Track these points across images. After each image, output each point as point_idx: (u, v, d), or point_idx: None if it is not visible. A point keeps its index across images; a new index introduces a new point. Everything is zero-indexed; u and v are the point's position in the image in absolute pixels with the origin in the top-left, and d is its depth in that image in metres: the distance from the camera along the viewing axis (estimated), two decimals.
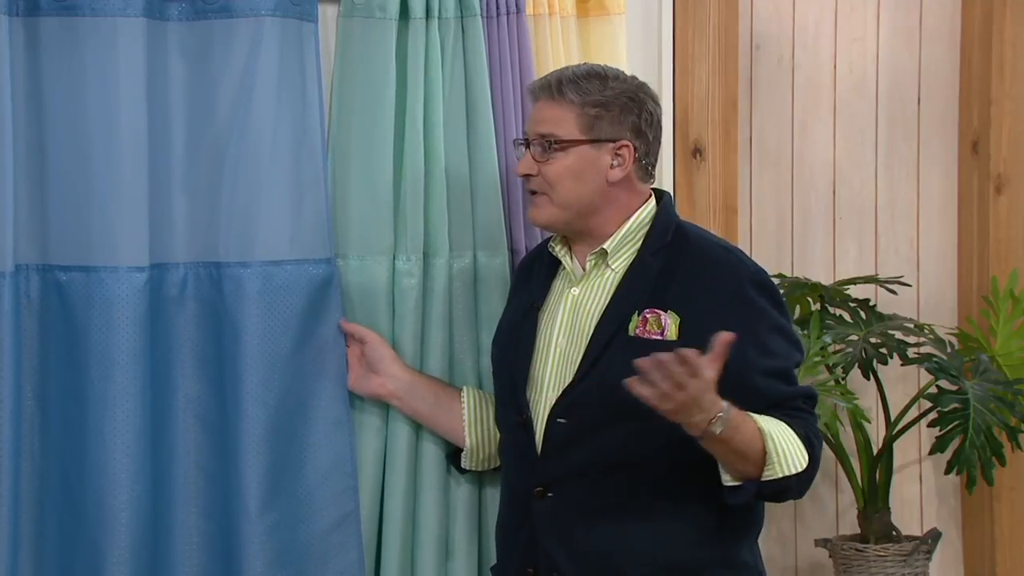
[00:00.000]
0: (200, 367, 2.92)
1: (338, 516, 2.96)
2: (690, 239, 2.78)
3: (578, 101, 2.75)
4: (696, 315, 2.68)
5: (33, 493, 2.85)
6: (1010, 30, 3.80)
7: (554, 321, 2.80)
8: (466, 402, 2.97)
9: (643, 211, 2.80)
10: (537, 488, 2.75)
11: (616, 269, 2.77)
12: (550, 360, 2.78)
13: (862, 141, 3.85)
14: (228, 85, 2.90)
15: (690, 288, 2.71)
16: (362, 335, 2.97)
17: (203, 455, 2.92)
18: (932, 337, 3.62)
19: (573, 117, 2.75)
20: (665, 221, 2.79)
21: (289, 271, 2.91)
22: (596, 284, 2.79)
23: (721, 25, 3.52)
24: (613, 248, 2.77)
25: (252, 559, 2.87)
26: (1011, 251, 3.81)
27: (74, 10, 2.82)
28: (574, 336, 2.77)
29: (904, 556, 3.55)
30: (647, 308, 2.70)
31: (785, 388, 2.69)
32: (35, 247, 2.85)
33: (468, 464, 3.00)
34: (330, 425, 2.96)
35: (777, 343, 2.71)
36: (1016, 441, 3.55)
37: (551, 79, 2.78)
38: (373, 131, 2.99)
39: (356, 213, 3.00)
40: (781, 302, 2.77)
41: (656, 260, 2.74)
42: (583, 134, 2.75)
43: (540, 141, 2.77)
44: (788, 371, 2.71)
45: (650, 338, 2.68)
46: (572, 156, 2.75)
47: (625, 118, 2.76)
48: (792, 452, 2.61)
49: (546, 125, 2.77)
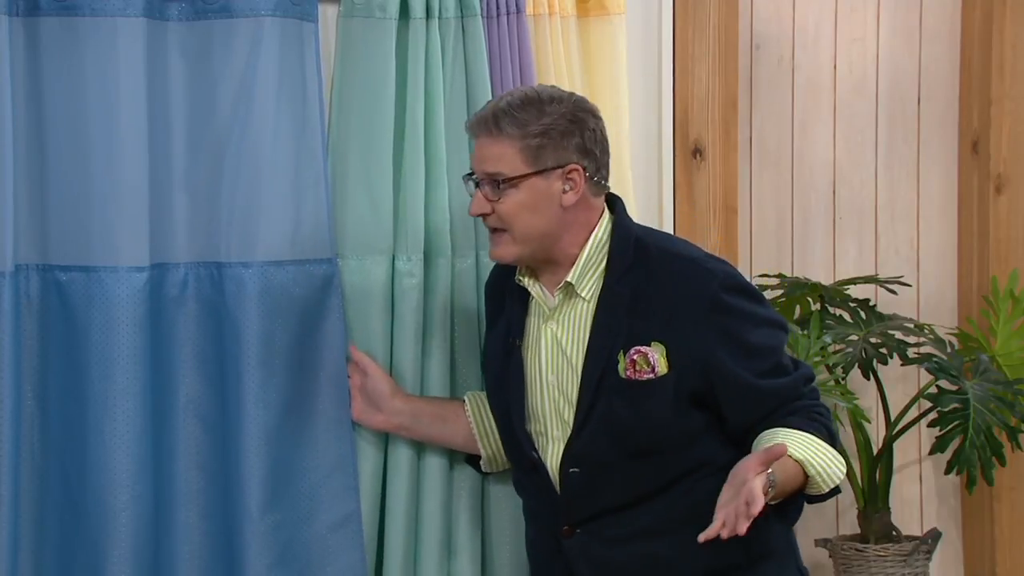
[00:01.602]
0: (201, 367, 2.92)
1: (340, 516, 2.96)
2: (652, 255, 2.72)
3: (517, 134, 2.68)
4: (680, 340, 2.66)
5: (33, 493, 2.85)
6: (1010, 30, 3.79)
7: (539, 357, 2.77)
8: (471, 414, 2.95)
9: (600, 228, 2.75)
10: (564, 528, 2.74)
11: (587, 297, 2.73)
12: (546, 396, 2.76)
13: (862, 141, 3.84)
14: (228, 85, 2.90)
15: (667, 313, 2.67)
16: (364, 365, 2.95)
17: (204, 455, 2.92)
18: (932, 337, 3.62)
19: (516, 151, 2.69)
20: (623, 236, 2.74)
21: (290, 271, 2.91)
22: (571, 317, 2.75)
23: (721, 25, 3.52)
24: (577, 278, 2.73)
25: (254, 559, 2.87)
26: (1011, 251, 3.81)
27: (74, 10, 2.82)
28: (562, 372, 2.75)
29: (904, 556, 3.55)
30: (632, 348, 2.67)
31: (783, 381, 2.68)
32: (35, 247, 2.85)
33: (488, 469, 3.00)
34: (331, 424, 2.96)
35: (762, 338, 2.69)
36: (1016, 441, 3.55)
37: (486, 114, 2.71)
38: (373, 131, 2.99)
39: (355, 213, 3.00)
40: (753, 294, 2.74)
41: (623, 288, 2.70)
42: (529, 167, 2.69)
43: (488, 180, 2.71)
44: (779, 362, 2.70)
45: (642, 379, 2.67)
46: (523, 190, 2.69)
47: (568, 142, 2.70)
48: (831, 466, 2.62)
49: (491, 164, 2.70)
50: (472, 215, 2.77)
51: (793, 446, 2.58)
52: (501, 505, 3.06)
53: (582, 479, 2.71)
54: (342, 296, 2.97)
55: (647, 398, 2.67)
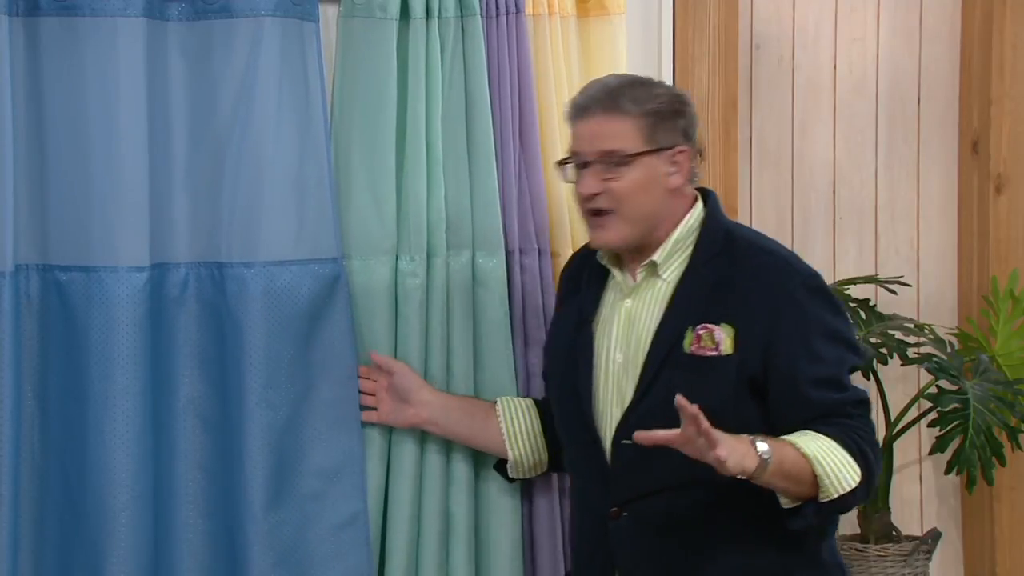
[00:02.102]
0: (202, 367, 2.92)
1: (347, 515, 2.95)
2: (740, 245, 2.73)
3: (635, 111, 2.69)
4: (750, 324, 2.65)
5: (33, 493, 2.85)
6: (1010, 30, 3.79)
7: (609, 335, 2.77)
8: (502, 416, 2.96)
9: (691, 215, 2.76)
10: (612, 508, 2.72)
11: (668, 279, 2.74)
12: (611, 375, 2.75)
13: (862, 141, 3.84)
14: (229, 85, 2.90)
15: (743, 298, 2.67)
16: (389, 366, 2.95)
17: (205, 455, 2.92)
18: (932, 337, 3.62)
19: (634, 128, 2.69)
20: (714, 226, 2.75)
21: (294, 271, 2.91)
22: (649, 296, 2.75)
23: (721, 25, 3.52)
24: (663, 259, 2.74)
25: (258, 558, 2.87)
26: (1011, 251, 3.81)
27: (74, 10, 2.82)
28: (630, 350, 2.74)
29: (904, 556, 3.55)
30: (700, 324, 2.67)
31: (834, 396, 2.65)
32: (35, 247, 2.85)
33: (515, 474, 2.99)
34: (338, 424, 2.96)
35: (829, 349, 2.67)
36: (1016, 441, 3.55)
37: (599, 93, 2.71)
38: (375, 131, 2.99)
39: (358, 213, 3.00)
40: (836, 305, 2.73)
41: (708, 271, 2.71)
42: (645, 144, 2.69)
43: (603, 157, 2.69)
44: (838, 378, 2.67)
45: (705, 355, 2.66)
46: (638, 169, 2.69)
47: (675, 123, 2.72)
48: (843, 470, 2.59)
49: (608, 140, 2.69)
50: (584, 193, 2.72)
51: (805, 444, 2.58)
52: (499, 507, 3.06)
53: (633, 452, 2.66)
54: (349, 295, 2.97)
55: (706, 374, 2.65)
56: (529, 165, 3.10)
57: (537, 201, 3.10)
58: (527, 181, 3.09)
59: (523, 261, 3.08)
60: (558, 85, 3.14)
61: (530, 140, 3.09)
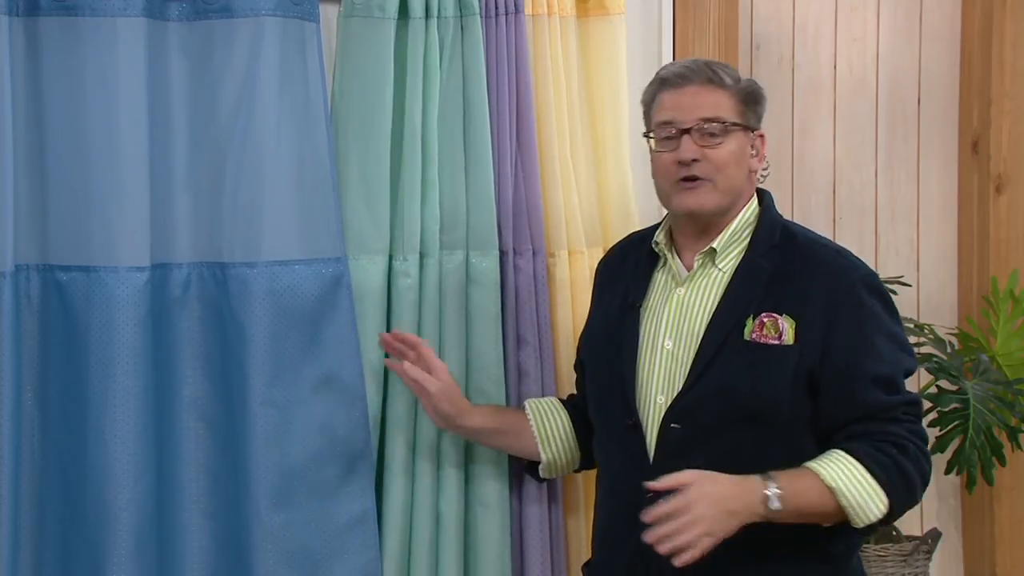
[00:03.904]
0: (204, 367, 2.92)
1: (355, 514, 2.95)
2: (798, 240, 2.74)
3: (734, 86, 2.73)
4: (810, 318, 2.65)
5: (33, 493, 2.85)
6: (1010, 30, 3.80)
7: (660, 321, 2.76)
8: (533, 420, 2.95)
9: (749, 208, 2.77)
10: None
11: (724, 269, 2.74)
12: (658, 362, 2.74)
13: (862, 141, 3.85)
14: (229, 85, 2.90)
15: (803, 291, 2.67)
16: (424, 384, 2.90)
17: (207, 455, 2.92)
18: (932, 337, 3.62)
19: (732, 101, 2.73)
20: (771, 220, 2.77)
21: (297, 271, 2.91)
22: (703, 284, 2.75)
23: (721, 25, 3.52)
24: (722, 247, 2.74)
25: (263, 558, 2.87)
26: (1011, 251, 3.81)
27: (74, 10, 2.81)
28: (682, 338, 2.73)
29: (904, 556, 3.55)
30: (763, 312, 2.67)
31: (885, 398, 2.64)
32: (35, 247, 2.85)
33: (547, 475, 2.99)
34: (345, 423, 2.95)
35: (887, 348, 2.67)
36: (1016, 441, 3.55)
37: (696, 65, 2.74)
38: (371, 130, 2.99)
39: (353, 212, 3.00)
40: (892, 306, 2.74)
41: (767, 262, 2.71)
42: (740, 119, 2.73)
43: (706, 125, 2.71)
44: (893, 378, 2.67)
45: (767, 343, 2.65)
46: (734, 141, 2.73)
47: (758, 108, 2.77)
48: (868, 502, 2.59)
49: (708, 109, 2.72)
50: (684, 159, 2.71)
51: (831, 476, 2.58)
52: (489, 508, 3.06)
53: (681, 437, 2.66)
54: (351, 295, 2.97)
55: (767, 362, 2.64)
56: (526, 165, 3.09)
57: (533, 202, 3.10)
58: (524, 182, 3.09)
59: (517, 262, 3.08)
60: (557, 85, 3.14)
61: (528, 140, 3.09)
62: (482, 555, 3.04)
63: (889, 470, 2.61)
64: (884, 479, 2.60)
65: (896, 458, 2.61)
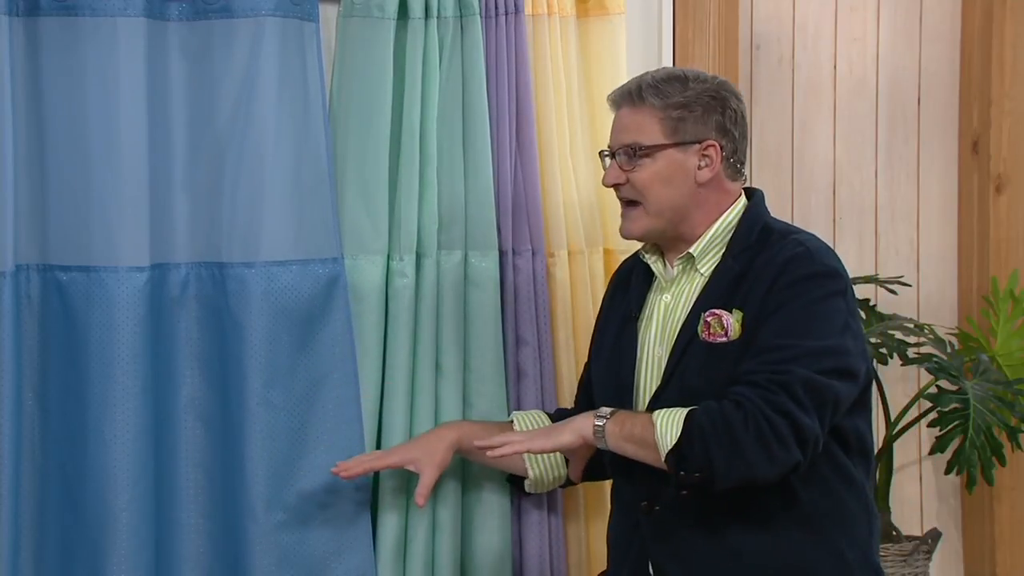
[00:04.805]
0: (203, 367, 2.92)
1: (350, 514, 2.95)
2: (772, 237, 2.73)
3: (659, 105, 2.72)
4: (752, 308, 2.65)
5: (33, 493, 2.85)
6: (1010, 30, 3.79)
7: (649, 329, 2.79)
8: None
9: (731, 212, 2.77)
10: (643, 502, 2.72)
11: (704, 273, 2.75)
12: (651, 369, 2.77)
13: (862, 141, 3.84)
14: (229, 85, 2.90)
15: (756, 284, 2.67)
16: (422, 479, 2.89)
17: (206, 455, 2.92)
18: (932, 337, 3.62)
19: (656, 122, 2.73)
20: (751, 221, 2.76)
21: (294, 271, 2.91)
22: (684, 289, 2.77)
23: (721, 25, 3.51)
24: (699, 252, 2.75)
25: (259, 558, 2.88)
26: (1011, 251, 3.81)
27: (74, 10, 2.82)
28: (665, 342, 2.75)
29: (904, 556, 3.55)
30: (709, 311, 2.68)
31: (750, 365, 2.60)
32: (35, 247, 2.85)
33: (533, 490, 2.99)
34: (340, 424, 2.95)
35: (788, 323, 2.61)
36: (1016, 441, 3.55)
37: (630, 87, 2.76)
38: (370, 131, 3.00)
39: (351, 212, 3.00)
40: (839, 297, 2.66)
41: (737, 263, 2.71)
42: (667, 138, 2.72)
43: (625, 150, 2.74)
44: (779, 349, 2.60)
45: (715, 341, 2.67)
46: (660, 161, 2.73)
47: (709, 118, 2.74)
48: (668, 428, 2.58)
49: (629, 134, 2.74)
50: (606, 185, 2.79)
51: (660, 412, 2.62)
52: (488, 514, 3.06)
53: None
54: (348, 295, 2.97)
55: (718, 360, 2.65)
56: (525, 165, 3.10)
57: (532, 202, 3.10)
58: (523, 181, 3.09)
59: (516, 262, 3.09)
60: (557, 86, 3.14)
61: (527, 140, 3.09)
62: (481, 563, 3.04)
63: (709, 413, 2.56)
64: (693, 415, 2.57)
65: (724, 408, 2.57)
